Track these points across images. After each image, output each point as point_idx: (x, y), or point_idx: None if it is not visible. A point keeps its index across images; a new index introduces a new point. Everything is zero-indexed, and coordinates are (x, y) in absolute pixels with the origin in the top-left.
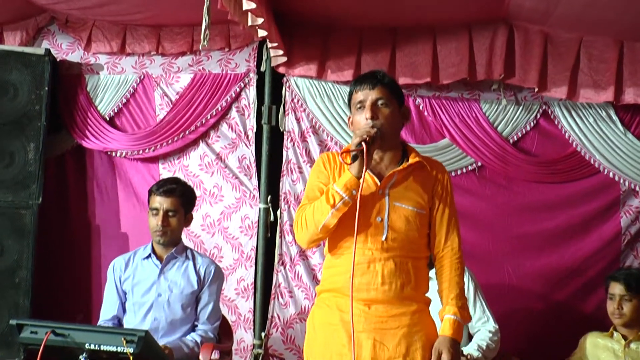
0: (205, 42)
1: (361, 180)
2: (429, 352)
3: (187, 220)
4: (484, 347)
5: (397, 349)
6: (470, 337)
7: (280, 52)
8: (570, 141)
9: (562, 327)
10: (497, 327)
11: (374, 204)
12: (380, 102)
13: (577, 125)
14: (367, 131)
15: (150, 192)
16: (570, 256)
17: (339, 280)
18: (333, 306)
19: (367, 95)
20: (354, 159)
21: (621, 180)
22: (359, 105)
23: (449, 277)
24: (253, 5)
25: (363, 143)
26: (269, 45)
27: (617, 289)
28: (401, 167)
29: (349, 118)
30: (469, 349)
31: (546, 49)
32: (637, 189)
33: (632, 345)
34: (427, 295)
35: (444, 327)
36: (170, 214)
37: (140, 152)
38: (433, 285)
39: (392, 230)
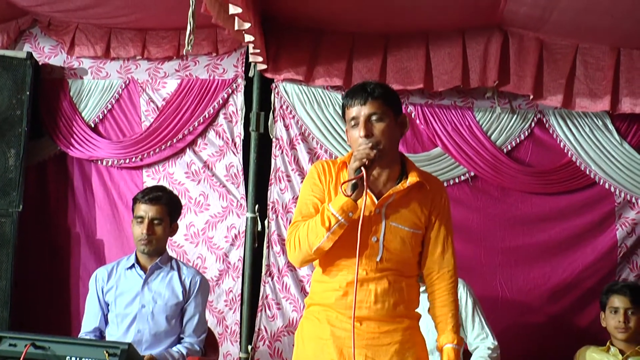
0: (189, 47)
1: (362, 208)
2: None
3: (172, 229)
4: None
5: None
6: (467, 354)
7: (260, 58)
8: (565, 151)
9: (557, 341)
10: (496, 343)
11: (370, 223)
12: (373, 118)
13: (572, 135)
14: (366, 154)
15: (135, 200)
16: (564, 269)
17: (331, 297)
18: (323, 320)
19: (360, 111)
20: (354, 187)
21: (617, 192)
22: (352, 123)
23: (447, 302)
24: (239, 10)
25: (362, 168)
26: (250, 50)
27: (622, 302)
28: (400, 187)
29: (347, 131)
30: None
31: (541, 56)
32: (633, 200)
33: None
34: (417, 310)
35: (448, 356)
36: (155, 222)
37: (127, 160)
38: (423, 298)
39: (387, 251)
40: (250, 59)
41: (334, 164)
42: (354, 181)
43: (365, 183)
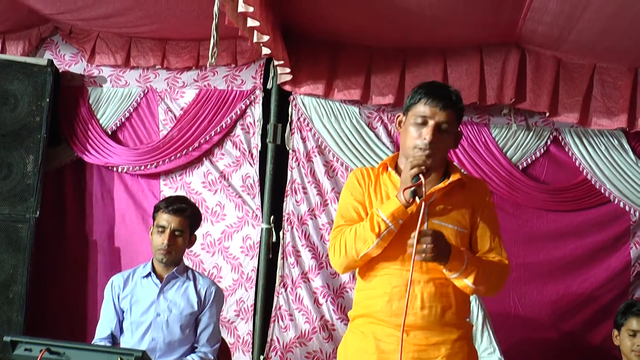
0: (213, 60)
1: (421, 215)
2: None
3: (190, 241)
4: None
5: None
6: None
7: (287, 69)
8: (580, 169)
9: (568, 358)
10: (502, 359)
11: (413, 223)
12: (444, 127)
13: (587, 153)
14: (423, 161)
15: (157, 209)
16: (577, 287)
17: (375, 304)
18: (368, 333)
19: (435, 114)
20: (414, 194)
21: (632, 211)
22: (420, 120)
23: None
24: (257, 23)
25: (421, 175)
26: (275, 62)
27: None
28: (442, 184)
29: (398, 117)
30: None
31: (558, 74)
32: None
33: None
34: (468, 320)
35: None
36: (177, 233)
37: (142, 167)
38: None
39: None
40: (278, 71)
41: (372, 170)
42: (413, 188)
43: (424, 189)
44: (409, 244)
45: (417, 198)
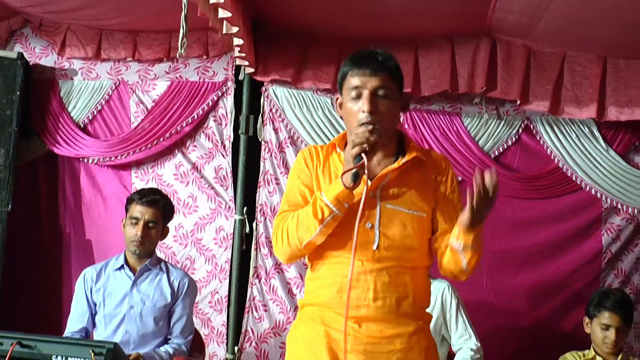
0: (182, 51)
1: (362, 198)
2: None
3: (163, 233)
4: None
5: None
6: (451, 355)
7: (246, 62)
8: (552, 157)
9: (541, 344)
10: (479, 345)
11: (362, 208)
12: (381, 92)
13: (559, 141)
14: (365, 137)
15: (130, 200)
16: (550, 274)
17: (324, 294)
18: (317, 320)
19: (366, 82)
20: (355, 177)
21: (603, 198)
22: (354, 93)
23: None
24: (229, 14)
25: (363, 155)
26: (236, 54)
27: (614, 321)
28: (396, 164)
29: (337, 99)
30: None
31: (529, 63)
32: (619, 206)
33: None
34: (427, 311)
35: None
36: (150, 224)
37: (113, 158)
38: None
39: (385, 238)
40: (237, 62)
41: (322, 148)
42: (354, 170)
43: (366, 171)
44: None
45: (362, 180)
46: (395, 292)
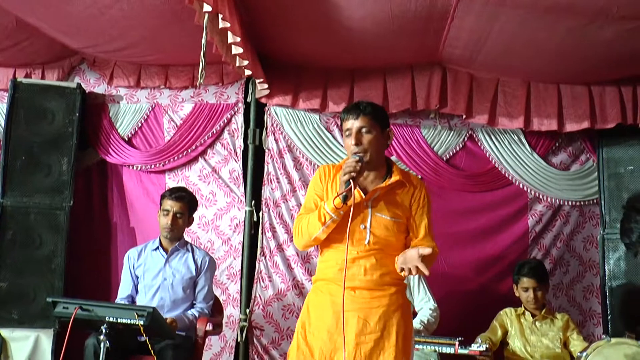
0: (201, 80)
1: (350, 213)
2: (403, 327)
3: (189, 222)
4: (426, 322)
5: (377, 325)
6: (414, 314)
7: (265, 85)
8: (490, 159)
9: (484, 303)
10: (436, 305)
11: (359, 213)
12: (363, 130)
13: (495, 147)
14: (353, 167)
15: (163, 197)
16: (489, 249)
17: (330, 272)
18: (325, 292)
19: (352, 124)
20: (344, 199)
21: (528, 190)
22: (347, 133)
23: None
24: (240, 50)
25: (351, 181)
26: (257, 81)
27: (530, 283)
28: (383, 184)
29: (344, 140)
30: (414, 324)
31: (472, 86)
32: (541, 197)
33: (537, 323)
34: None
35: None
36: (178, 215)
37: (152, 166)
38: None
39: (374, 236)
40: (258, 87)
41: (334, 167)
42: (343, 193)
43: (353, 192)
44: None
45: (353, 199)
46: (380, 270)
